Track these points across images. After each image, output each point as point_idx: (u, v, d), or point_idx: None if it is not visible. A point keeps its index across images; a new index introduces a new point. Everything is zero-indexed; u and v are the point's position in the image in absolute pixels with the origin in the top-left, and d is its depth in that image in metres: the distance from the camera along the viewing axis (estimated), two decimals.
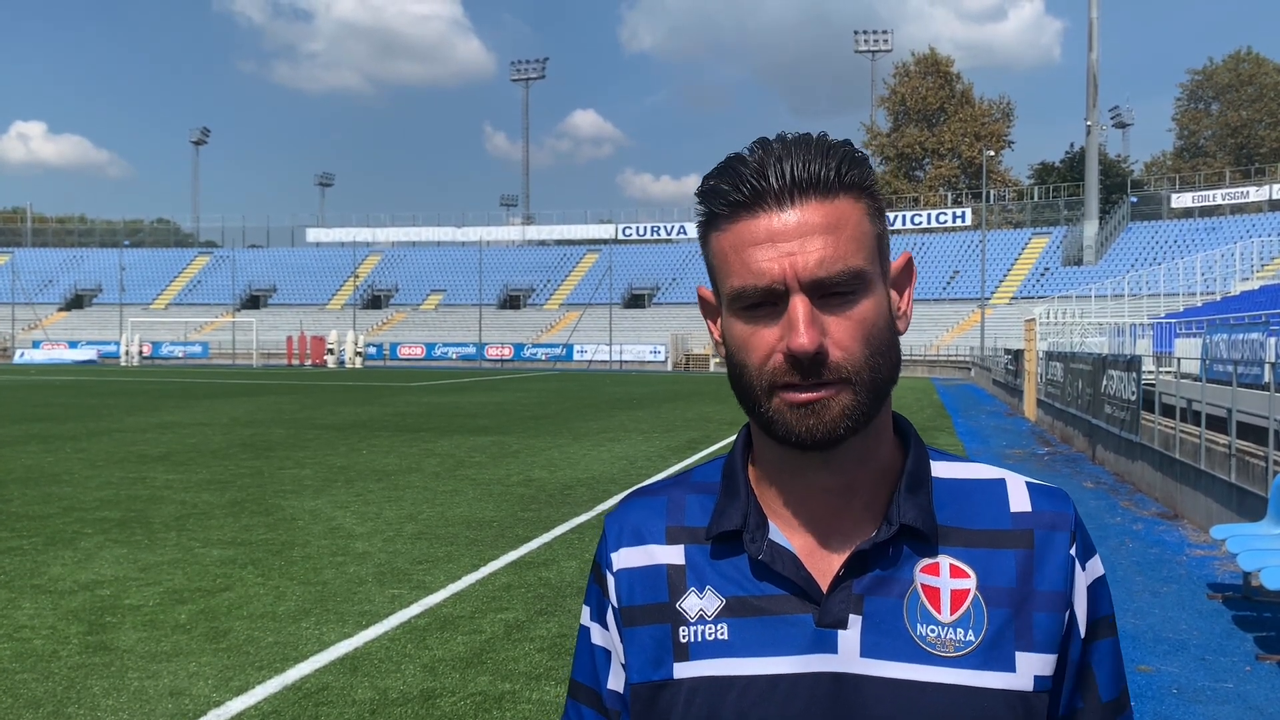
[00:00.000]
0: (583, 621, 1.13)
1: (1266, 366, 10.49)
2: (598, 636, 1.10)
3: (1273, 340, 11.84)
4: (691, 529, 1.06)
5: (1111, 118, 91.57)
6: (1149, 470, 12.89)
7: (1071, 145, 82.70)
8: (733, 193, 0.96)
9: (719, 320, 1.03)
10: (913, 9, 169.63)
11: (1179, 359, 15.23)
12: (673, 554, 1.06)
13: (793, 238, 0.93)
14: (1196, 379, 12.73)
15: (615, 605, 1.07)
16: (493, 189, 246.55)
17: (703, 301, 1.08)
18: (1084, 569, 1.03)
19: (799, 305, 0.92)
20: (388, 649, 6.04)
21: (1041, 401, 23.39)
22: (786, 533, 1.02)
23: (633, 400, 30.34)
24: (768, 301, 0.94)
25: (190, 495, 11.68)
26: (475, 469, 14.16)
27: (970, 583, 0.99)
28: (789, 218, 0.94)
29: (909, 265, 1.04)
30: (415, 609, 6.90)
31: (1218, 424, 11.03)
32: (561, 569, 8.10)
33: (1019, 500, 1.04)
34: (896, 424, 1.07)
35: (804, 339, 0.91)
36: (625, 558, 1.08)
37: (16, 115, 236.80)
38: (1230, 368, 11.29)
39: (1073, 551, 1.02)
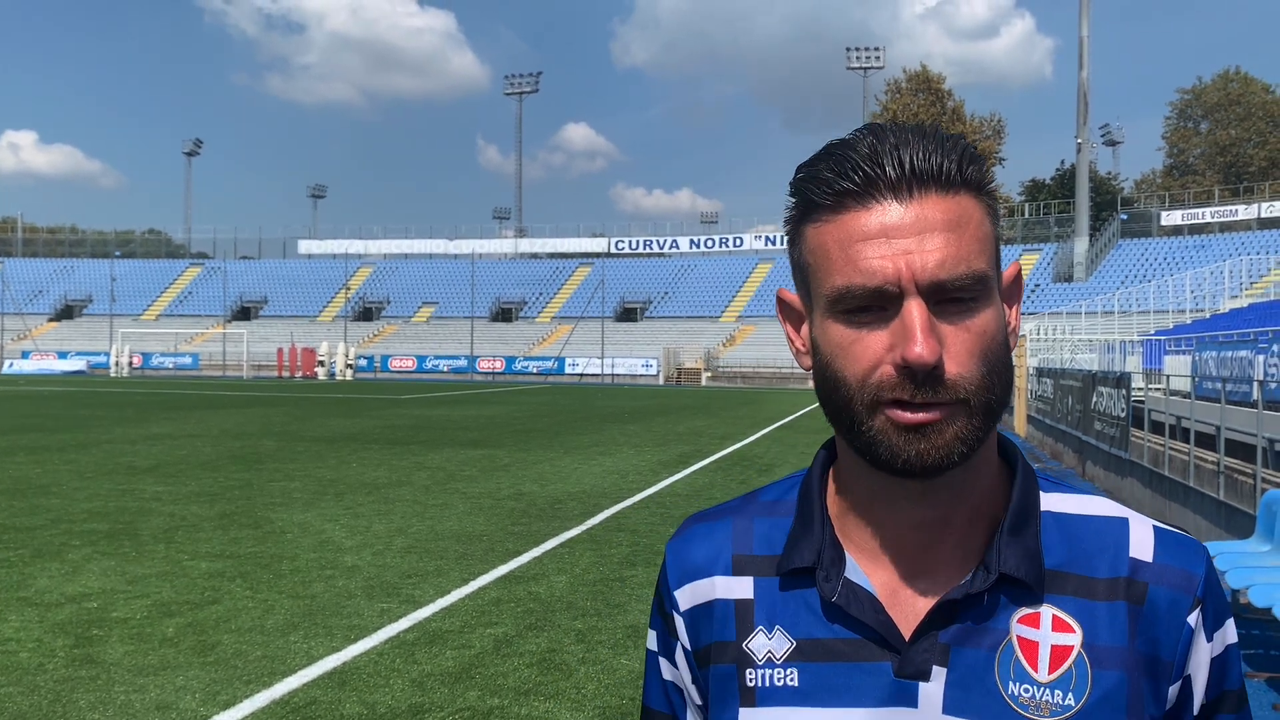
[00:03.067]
0: (650, 646, 1.06)
1: (1255, 384, 10.55)
2: (667, 672, 1.03)
3: (1261, 358, 11.91)
4: (760, 559, 0.98)
5: (1102, 135, 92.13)
6: (1138, 487, 12.92)
7: (1062, 162, 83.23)
8: (840, 180, 0.85)
9: (803, 327, 0.93)
10: (905, 26, 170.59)
11: (1168, 376, 15.28)
12: (740, 587, 0.97)
13: (910, 234, 0.83)
14: (1186, 396, 12.77)
15: (687, 647, 1.00)
16: (485, 202, 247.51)
17: (784, 305, 0.97)
18: (1210, 640, 0.91)
19: (916, 310, 0.82)
20: (376, 663, 6.02)
21: (1032, 417, 23.45)
22: (867, 569, 0.93)
23: (624, 414, 30.32)
24: (875, 305, 0.84)
25: (179, 507, 11.63)
26: (465, 482, 14.13)
27: (1075, 638, 0.89)
28: (906, 212, 0.83)
29: (1019, 277, 0.94)
30: (404, 623, 6.88)
31: (1206, 441, 11.07)
32: (551, 584, 8.09)
33: (1141, 546, 0.92)
34: (1002, 447, 0.96)
35: (922, 349, 0.81)
36: (691, 595, 1.00)
37: (8, 124, 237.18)
38: (1219, 385, 11.34)
39: (1192, 620, 0.90)
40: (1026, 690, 0.87)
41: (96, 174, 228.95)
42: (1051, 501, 0.94)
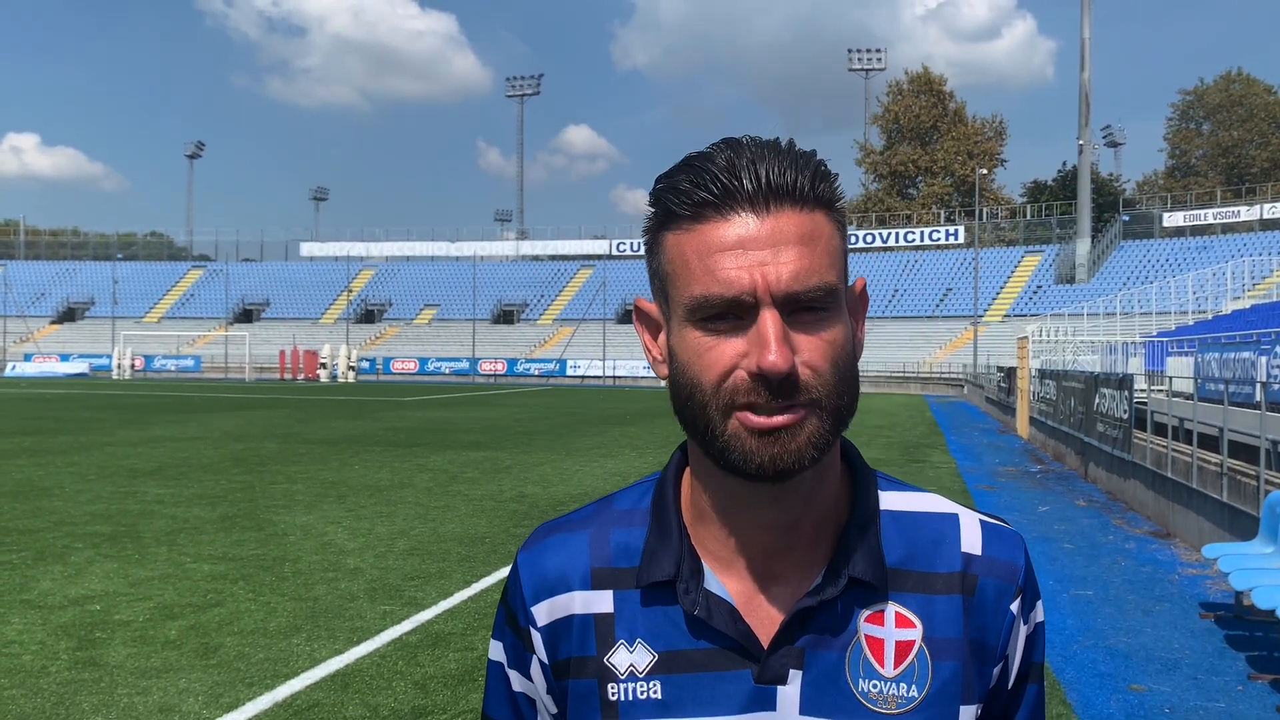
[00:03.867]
0: (494, 657, 1.04)
1: (1258, 385, 10.54)
2: (517, 684, 1.02)
3: (1264, 359, 11.90)
4: (619, 571, 0.98)
5: (1104, 137, 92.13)
6: (1141, 489, 12.91)
7: (1064, 164, 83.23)
8: (698, 190, 0.87)
9: (660, 335, 0.95)
10: (906, 28, 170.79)
11: (1171, 377, 15.26)
12: (600, 601, 0.97)
13: (765, 246, 0.85)
14: (1188, 398, 12.76)
15: (544, 661, 0.99)
16: (487, 204, 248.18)
17: (641, 313, 0.98)
18: (1025, 622, 0.99)
19: (770, 320, 0.84)
20: (379, 666, 6.01)
21: (1034, 419, 23.42)
22: (723, 577, 0.95)
23: (626, 416, 30.32)
24: (731, 314, 0.86)
25: (181, 510, 11.63)
26: (468, 484, 14.13)
27: (916, 633, 0.94)
28: (762, 225, 0.86)
29: (864, 292, 0.97)
30: (407, 625, 6.88)
31: (1209, 443, 11.06)
32: None
33: (970, 540, 0.97)
34: (843, 451, 0.99)
35: (776, 357, 0.83)
36: (549, 610, 0.99)
37: (10, 127, 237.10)
38: (1222, 386, 11.33)
39: (1014, 607, 0.97)
40: (875, 686, 0.92)
41: (99, 177, 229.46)
42: (888, 500, 0.99)
